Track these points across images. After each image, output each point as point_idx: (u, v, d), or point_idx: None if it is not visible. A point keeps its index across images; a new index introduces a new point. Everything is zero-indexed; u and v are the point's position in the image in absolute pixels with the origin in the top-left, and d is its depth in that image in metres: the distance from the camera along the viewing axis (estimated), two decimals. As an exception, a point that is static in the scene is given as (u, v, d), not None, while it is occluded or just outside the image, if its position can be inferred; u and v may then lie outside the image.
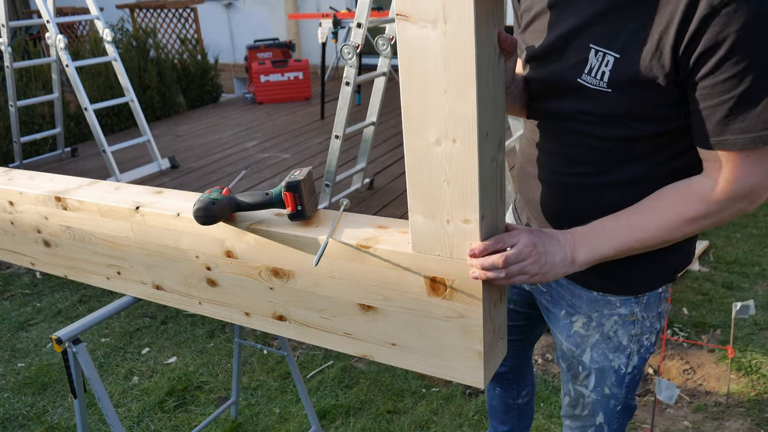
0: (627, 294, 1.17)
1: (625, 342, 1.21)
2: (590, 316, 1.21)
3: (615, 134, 1.04)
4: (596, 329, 1.21)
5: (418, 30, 0.88)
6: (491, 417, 1.84)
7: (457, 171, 0.93)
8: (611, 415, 1.29)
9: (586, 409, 1.30)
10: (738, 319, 2.68)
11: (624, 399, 1.27)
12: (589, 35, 1.00)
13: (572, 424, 1.36)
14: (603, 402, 1.27)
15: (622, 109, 1.00)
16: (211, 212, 1.14)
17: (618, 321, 1.19)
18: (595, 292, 1.19)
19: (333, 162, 3.18)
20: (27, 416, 2.42)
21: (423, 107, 0.92)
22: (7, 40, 4.30)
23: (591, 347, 1.22)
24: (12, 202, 1.56)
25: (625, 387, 1.26)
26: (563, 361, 1.31)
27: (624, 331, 1.20)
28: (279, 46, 6.77)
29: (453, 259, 0.99)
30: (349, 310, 1.15)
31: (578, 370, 1.27)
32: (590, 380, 1.26)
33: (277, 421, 2.32)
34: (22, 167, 4.71)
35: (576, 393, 1.30)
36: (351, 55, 3.01)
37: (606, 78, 0.98)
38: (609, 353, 1.22)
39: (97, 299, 3.27)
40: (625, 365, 1.23)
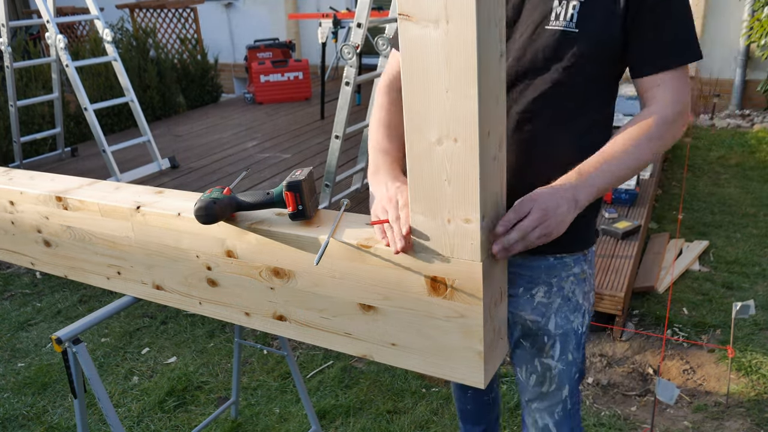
0: (576, 252, 1.28)
1: (581, 300, 1.31)
2: (550, 282, 1.28)
3: (578, 79, 1.15)
4: (557, 293, 1.28)
5: (420, 30, 0.88)
6: (464, 421, 1.84)
7: (458, 170, 0.93)
8: (573, 385, 1.36)
9: (553, 383, 1.34)
10: (738, 319, 2.68)
11: (581, 364, 1.36)
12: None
13: (540, 405, 1.38)
14: (567, 371, 1.33)
15: (586, 50, 1.12)
16: (212, 211, 1.15)
17: (573, 281, 1.29)
18: (551, 258, 1.27)
19: (333, 162, 3.18)
20: (27, 416, 2.42)
21: (425, 106, 0.92)
22: (7, 40, 4.30)
23: (555, 313, 1.29)
24: (12, 201, 1.56)
25: (581, 349, 1.35)
26: (525, 340, 1.33)
27: (579, 290, 1.30)
28: (279, 46, 6.77)
29: (453, 259, 0.99)
30: (349, 310, 1.15)
31: (543, 341, 1.31)
32: (555, 349, 1.31)
33: (277, 421, 2.32)
34: (22, 167, 4.71)
35: (543, 367, 1.33)
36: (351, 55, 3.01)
37: (575, 19, 1.11)
38: (570, 315, 1.30)
39: (97, 299, 3.27)
40: (581, 325, 1.32)
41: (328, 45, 5.81)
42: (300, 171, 1.18)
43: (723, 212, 3.94)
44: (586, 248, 1.30)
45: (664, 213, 3.97)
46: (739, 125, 5.98)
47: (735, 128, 5.90)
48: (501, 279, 1.09)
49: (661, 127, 1.11)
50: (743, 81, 6.22)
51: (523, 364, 1.36)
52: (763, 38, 5.31)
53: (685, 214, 3.90)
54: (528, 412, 1.41)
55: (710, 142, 5.44)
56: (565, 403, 1.36)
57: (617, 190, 3.46)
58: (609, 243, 3.05)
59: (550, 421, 1.37)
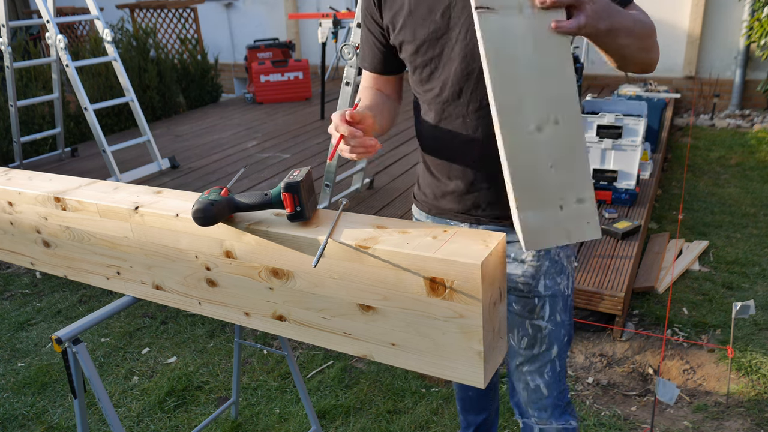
0: None
1: (565, 263, 1.39)
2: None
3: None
4: (545, 256, 1.36)
5: (503, 19, 0.88)
6: (465, 411, 1.87)
7: (564, 152, 0.93)
8: (561, 347, 1.43)
9: (543, 343, 1.41)
10: (738, 319, 2.68)
11: (569, 327, 1.44)
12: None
13: (531, 368, 1.45)
14: (556, 332, 1.41)
15: None
16: (210, 213, 1.14)
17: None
18: None
19: (333, 162, 3.18)
20: (27, 416, 2.42)
21: (517, 97, 0.92)
22: (7, 40, 4.30)
23: (543, 275, 1.37)
24: (11, 202, 1.56)
25: (569, 312, 1.43)
26: (517, 304, 1.40)
27: (563, 253, 1.39)
28: (279, 46, 6.77)
29: (452, 260, 0.99)
30: (348, 310, 1.15)
31: (534, 303, 1.39)
32: (545, 310, 1.39)
33: (277, 421, 2.32)
34: (22, 167, 4.71)
35: (534, 329, 1.41)
36: (351, 55, 3.00)
37: None
38: (557, 277, 1.38)
39: (97, 299, 3.27)
40: (566, 287, 1.40)
41: (328, 45, 5.81)
42: (298, 171, 1.18)
43: (723, 212, 3.94)
44: None
45: (664, 213, 3.97)
46: (739, 125, 5.98)
47: (735, 128, 5.90)
48: (500, 279, 1.09)
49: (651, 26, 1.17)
50: (743, 81, 6.22)
51: (514, 328, 1.43)
52: (763, 38, 5.31)
53: (685, 214, 3.90)
54: (518, 375, 1.48)
55: (710, 142, 5.44)
56: (554, 363, 1.44)
57: (617, 190, 3.46)
58: (609, 243, 3.05)
59: (541, 381, 1.45)
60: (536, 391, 1.46)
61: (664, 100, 4.66)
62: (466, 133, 1.31)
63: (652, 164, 4.05)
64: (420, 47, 1.28)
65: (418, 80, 1.35)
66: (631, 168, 3.47)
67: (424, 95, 1.35)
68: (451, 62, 1.26)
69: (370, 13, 1.36)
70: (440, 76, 1.29)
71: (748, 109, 6.33)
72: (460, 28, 1.22)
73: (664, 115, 4.66)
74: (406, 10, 1.28)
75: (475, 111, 1.28)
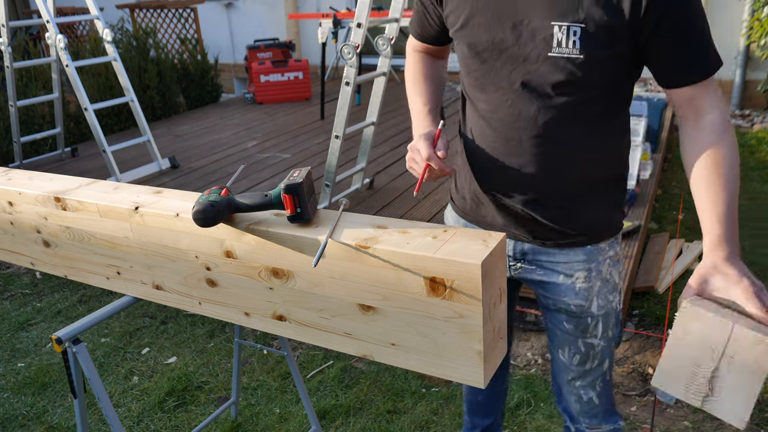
0: (611, 237, 1.35)
1: (617, 280, 1.38)
2: (589, 268, 1.34)
3: (587, 100, 1.19)
4: (597, 277, 1.34)
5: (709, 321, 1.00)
6: (472, 413, 1.86)
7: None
8: (611, 357, 1.44)
9: (596, 359, 1.41)
10: (738, 319, 2.68)
11: (618, 335, 1.45)
12: (546, 14, 1.13)
13: (583, 382, 1.45)
14: (607, 347, 1.41)
15: (593, 74, 1.15)
16: (210, 214, 1.14)
17: (610, 263, 1.36)
18: (590, 246, 1.33)
19: (333, 162, 3.18)
20: (27, 416, 2.42)
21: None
22: (7, 40, 4.30)
23: (596, 295, 1.35)
24: (11, 202, 1.56)
25: (618, 324, 1.43)
26: (569, 323, 1.39)
27: (615, 271, 1.38)
28: (279, 46, 6.77)
29: (452, 260, 0.99)
30: (348, 310, 1.15)
31: (587, 323, 1.37)
32: (598, 328, 1.38)
33: (277, 421, 2.32)
34: (22, 167, 4.71)
35: (586, 347, 1.40)
36: (351, 55, 3.01)
37: (578, 45, 1.12)
38: (609, 295, 1.37)
39: (97, 299, 3.27)
40: (618, 302, 1.40)
41: (328, 45, 5.82)
42: (298, 172, 1.18)
43: (723, 212, 3.93)
44: (617, 232, 1.37)
45: (664, 213, 3.97)
46: (739, 125, 5.98)
47: (735, 128, 5.90)
48: (500, 279, 1.08)
49: (730, 136, 1.15)
50: (743, 81, 6.22)
51: (565, 346, 1.42)
52: (763, 38, 5.31)
53: (685, 214, 3.90)
54: (569, 390, 1.48)
55: (710, 142, 5.43)
56: (605, 375, 1.45)
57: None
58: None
59: (594, 393, 1.46)
60: (589, 403, 1.47)
61: (665, 100, 4.66)
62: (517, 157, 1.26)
63: (652, 164, 4.05)
64: (480, 53, 1.23)
65: (472, 84, 1.30)
66: (631, 168, 3.47)
67: (477, 103, 1.31)
68: (512, 80, 1.20)
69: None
70: (496, 93, 1.25)
71: (748, 109, 6.33)
72: (532, 49, 1.16)
73: (664, 115, 4.66)
74: (470, 8, 1.22)
75: (532, 137, 1.23)
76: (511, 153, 1.27)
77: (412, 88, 1.46)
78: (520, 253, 1.39)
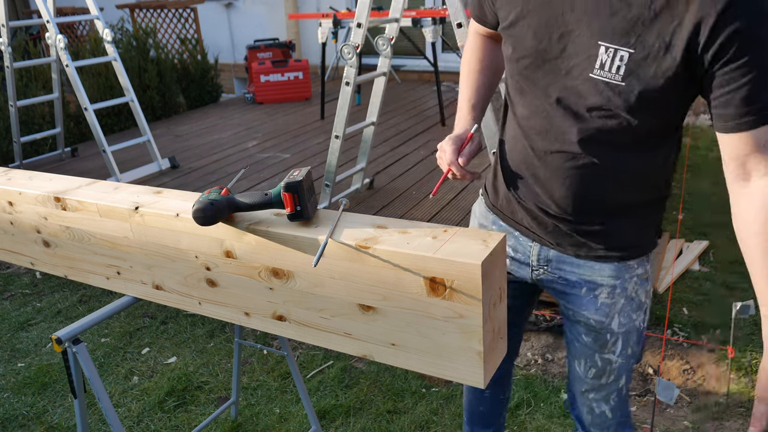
0: (641, 256, 1.28)
1: (643, 299, 1.31)
2: (613, 285, 1.28)
3: (625, 124, 1.09)
4: (621, 294, 1.28)
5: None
6: (472, 423, 1.82)
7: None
8: (629, 374, 1.39)
9: (612, 375, 1.37)
10: (738, 319, 2.68)
11: (639, 353, 1.38)
12: (594, 32, 1.05)
13: (597, 396, 1.41)
14: (626, 363, 1.36)
15: (633, 103, 1.06)
16: (210, 213, 1.14)
17: (637, 281, 1.29)
18: (617, 262, 1.27)
19: (333, 162, 3.18)
20: (27, 416, 2.42)
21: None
22: (7, 40, 4.30)
23: (618, 313, 1.30)
24: (11, 202, 1.56)
25: (641, 343, 1.36)
26: (587, 336, 1.34)
27: (642, 290, 1.30)
28: (279, 46, 6.77)
29: (452, 260, 0.99)
30: (348, 310, 1.15)
31: (606, 339, 1.32)
32: (618, 345, 1.33)
33: (277, 421, 2.32)
34: (22, 167, 4.71)
35: (603, 362, 1.35)
36: (351, 55, 3.01)
37: (621, 71, 1.04)
38: (632, 314, 1.31)
39: (97, 299, 3.27)
40: (642, 321, 1.33)
41: (328, 45, 5.81)
42: (298, 171, 1.18)
43: (723, 212, 3.92)
44: (649, 251, 1.31)
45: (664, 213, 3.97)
46: (739, 125, 5.97)
47: (735, 128, 5.90)
48: (500, 279, 1.08)
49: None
50: (743, 81, 6.20)
51: (582, 358, 1.38)
52: (764, 38, 5.30)
53: (685, 214, 3.90)
54: (582, 400, 1.44)
55: (710, 142, 5.44)
56: (621, 390, 1.40)
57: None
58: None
59: (607, 407, 1.41)
60: (601, 416, 1.43)
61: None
62: (543, 169, 1.22)
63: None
64: (524, 58, 1.17)
65: (514, 86, 1.24)
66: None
67: (516, 107, 1.26)
68: (549, 93, 1.15)
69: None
70: (533, 100, 1.20)
71: (748, 109, 6.31)
72: (574, 66, 1.09)
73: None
74: (520, 9, 1.15)
75: (562, 153, 1.18)
76: (541, 164, 1.22)
77: (464, 76, 1.41)
78: (544, 259, 1.33)
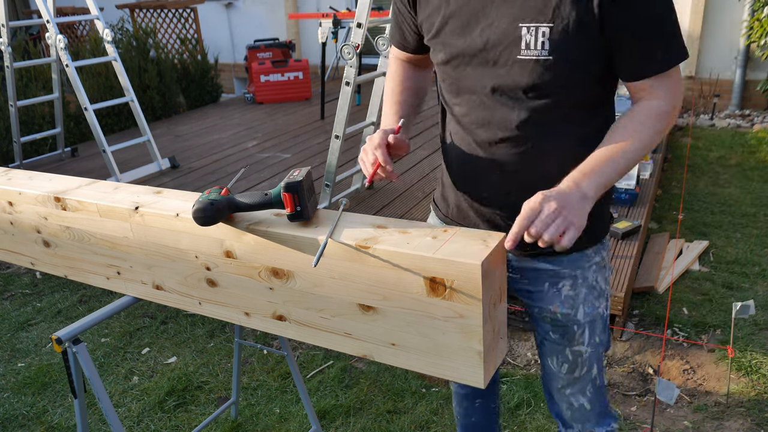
0: (596, 243, 1.32)
1: (603, 286, 1.36)
2: (574, 275, 1.31)
3: (563, 100, 1.15)
4: (583, 284, 1.32)
5: None
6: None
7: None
8: (600, 362, 1.42)
9: (584, 366, 1.39)
10: (738, 319, 2.68)
11: (606, 341, 1.41)
12: (513, 17, 1.12)
13: (573, 390, 1.42)
14: (595, 353, 1.38)
15: (566, 74, 1.12)
16: (209, 213, 1.14)
17: (595, 269, 1.33)
18: (574, 252, 1.30)
19: (333, 162, 3.18)
20: (27, 416, 2.42)
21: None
22: (7, 40, 4.30)
23: (582, 303, 1.33)
24: (11, 202, 1.56)
25: (606, 329, 1.40)
26: (554, 333, 1.36)
27: (601, 277, 1.35)
28: (279, 46, 6.77)
29: (452, 260, 0.99)
30: (348, 310, 1.15)
31: (574, 331, 1.35)
32: (585, 335, 1.35)
33: (277, 421, 2.32)
34: (22, 167, 4.71)
35: (574, 355, 1.37)
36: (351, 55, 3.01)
37: (547, 46, 1.10)
38: (595, 301, 1.34)
39: (97, 299, 3.27)
40: (605, 308, 1.37)
41: (328, 45, 5.81)
42: (298, 171, 1.18)
43: (723, 212, 3.94)
44: (602, 237, 1.34)
45: (664, 213, 3.97)
46: (739, 125, 5.98)
47: (735, 128, 5.90)
48: (500, 279, 1.09)
49: (658, 121, 1.14)
50: (743, 81, 6.21)
51: (553, 355, 1.40)
52: (763, 38, 5.31)
53: (685, 214, 3.90)
54: (560, 397, 1.46)
55: (710, 142, 5.44)
56: (595, 380, 1.42)
57: (617, 190, 3.47)
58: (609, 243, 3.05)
59: (584, 400, 1.43)
60: (580, 410, 1.44)
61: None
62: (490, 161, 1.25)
63: (652, 164, 4.05)
64: (451, 60, 1.22)
65: (448, 89, 1.29)
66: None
67: (453, 107, 1.29)
68: (484, 84, 1.19)
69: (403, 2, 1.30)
70: (469, 96, 1.23)
71: (748, 109, 6.32)
72: (501, 53, 1.14)
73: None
74: (443, 14, 1.21)
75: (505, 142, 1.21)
76: (484, 156, 1.25)
77: (387, 97, 1.43)
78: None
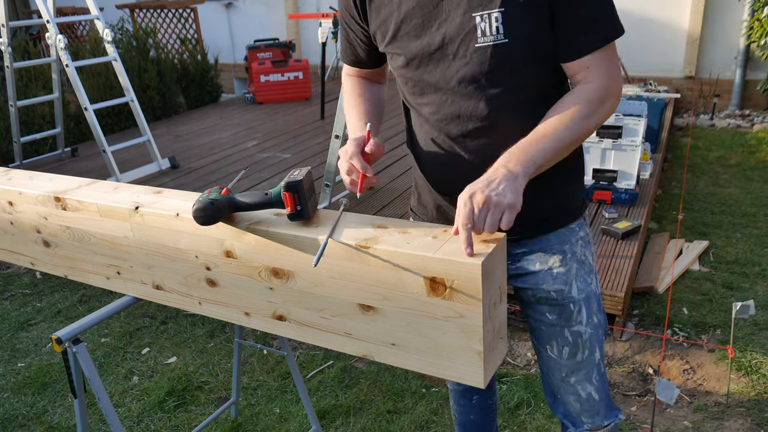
0: (578, 218, 1.35)
1: (591, 261, 1.37)
2: (563, 250, 1.33)
3: (524, 83, 1.18)
4: (572, 259, 1.33)
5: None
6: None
7: None
8: (601, 348, 1.41)
9: (586, 348, 1.38)
10: (738, 319, 2.68)
11: (604, 322, 1.42)
12: (465, 8, 1.14)
13: (578, 377, 1.40)
14: (596, 334, 1.38)
15: (522, 55, 1.15)
16: (210, 213, 1.14)
17: (582, 244, 1.35)
18: (560, 228, 1.33)
19: (333, 162, 3.18)
20: (27, 416, 2.42)
21: None
22: (7, 40, 4.30)
23: (575, 278, 1.34)
24: (11, 202, 1.56)
25: (601, 309, 1.41)
26: (551, 314, 1.36)
27: (588, 251, 1.37)
28: (279, 46, 6.77)
29: (452, 259, 0.99)
30: (348, 310, 1.15)
31: (570, 309, 1.35)
32: (582, 314, 1.36)
33: (277, 421, 2.32)
34: (22, 167, 4.71)
35: (574, 336, 1.37)
36: (351, 55, 3.00)
37: (502, 30, 1.12)
38: (587, 277, 1.35)
39: (97, 299, 3.27)
40: (596, 285, 1.38)
41: (328, 45, 5.81)
42: (298, 171, 1.18)
43: (723, 212, 3.94)
44: (583, 212, 1.37)
45: (664, 213, 3.97)
46: (739, 125, 5.98)
47: (735, 128, 5.90)
48: (500, 279, 1.09)
49: (594, 105, 1.15)
50: (743, 81, 6.21)
51: (552, 340, 1.39)
52: (763, 38, 5.31)
53: (685, 214, 3.90)
54: (566, 388, 1.43)
55: (710, 142, 5.44)
56: (599, 366, 1.41)
57: (617, 190, 3.47)
58: (609, 243, 3.05)
59: (591, 388, 1.41)
60: (588, 400, 1.42)
61: (664, 100, 4.66)
62: (466, 155, 1.26)
63: (652, 164, 4.05)
64: (411, 61, 1.23)
65: (411, 91, 1.30)
66: (631, 168, 3.47)
67: (419, 108, 1.30)
68: (448, 78, 1.20)
69: (351, 14, 1.31)
70: (435, 94, 1.24)
71: (748, 109, 6.33)
72: (459, 45, 1.16)
73: (664, 115, 4.66)
74: (396, 19, 1.22)
75: (474, 132, 1.23)
76: (459, 151, 1.26)
77: (348, 110, 1.43)
78: None
